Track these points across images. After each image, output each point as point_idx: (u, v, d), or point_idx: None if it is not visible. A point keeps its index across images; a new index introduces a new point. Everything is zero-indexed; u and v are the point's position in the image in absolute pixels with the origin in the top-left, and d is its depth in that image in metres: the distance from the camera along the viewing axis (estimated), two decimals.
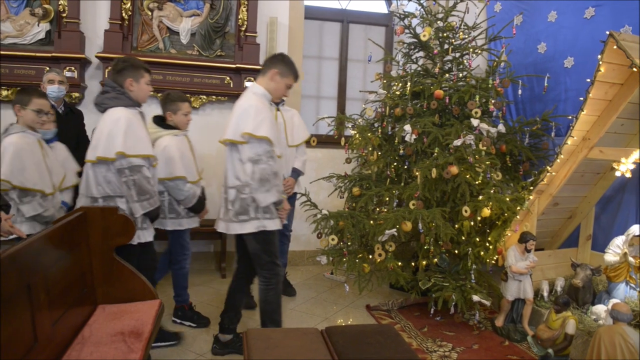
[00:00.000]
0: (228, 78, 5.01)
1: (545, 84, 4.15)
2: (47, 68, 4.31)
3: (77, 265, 2.58)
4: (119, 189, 2.89)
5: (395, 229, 3.72)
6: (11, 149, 2.89)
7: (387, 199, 4.17)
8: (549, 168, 3.78)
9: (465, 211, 3.75)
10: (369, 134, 4.40)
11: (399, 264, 3.97)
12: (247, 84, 4.99)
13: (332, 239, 4.16)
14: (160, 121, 3.61)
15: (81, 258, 2.64)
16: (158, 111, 3.67)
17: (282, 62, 3.14)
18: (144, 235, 3.03)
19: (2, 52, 4.45)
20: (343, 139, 4.71)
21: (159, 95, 4.83)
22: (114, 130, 2.82)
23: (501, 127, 4.11)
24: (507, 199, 3.76)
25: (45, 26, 4.61)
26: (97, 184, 2.89)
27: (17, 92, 3.09)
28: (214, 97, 5.01)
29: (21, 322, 1.84)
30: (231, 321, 3.35)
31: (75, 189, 3.34)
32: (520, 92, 4.30)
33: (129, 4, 4.72)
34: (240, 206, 3.02)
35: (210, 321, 3.78)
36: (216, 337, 3.37)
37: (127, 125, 2.84)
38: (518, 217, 3.82)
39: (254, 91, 3.11)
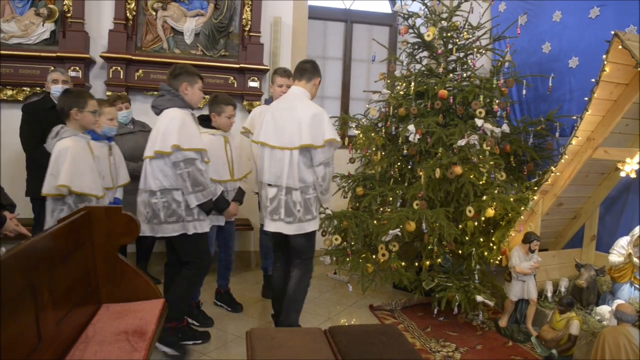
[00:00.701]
0: (232, 78, 5.02)
1: (550, 84, 4.14)
2: (52, 68, 4.32)
3: (81, 265, 2.58)
4: (175, 182, 3.09)
5: (398, 229, 3.71)
6: (69, 154, 2.91)
7: (391, 199, 4.16)
8: (553, 168, 3.77)
9: (469, 211, 3.75)
10: (373, 134, 4.39)
11: (403, 264, 3.96)
12: (251, 84, 5.00)
13: (336, 239, 4.15)
14: (204, 121, 3.72)
15: (85, 257, 2.65)
16: None
17: (319, 71, 3.41)
18: (201, 226, 3.21)
19: (7, 52, 4.47)
20: (347, 138, 4.71)
21: None
22: (169, 127, 3.03)
23: (505, 127, 4.10)
24: (511, 199, 3.75)
25: (50, 26, 4.63)
26: (154, 178, 3.08)
27: (70, 95, 3.11)
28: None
29: (25, 321, 1.85)
30: None
31: None
32: (524, 92, 4.30)
33: (133, 4, 4.74)
34: (304, 206, 3.21)
35: (214, 321, 3.78)
36: None
37: (181, 123, 3.05)
38: (522, 217, 3.81)
39: (308, 96, 3.32)
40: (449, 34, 4.39)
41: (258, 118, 3.67)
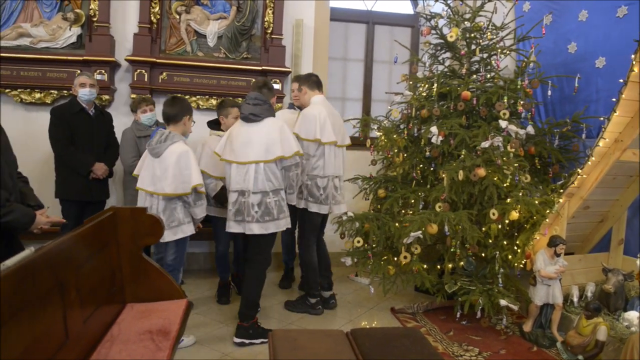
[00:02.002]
0: (254, 80, 5.04)
1: (576, 85, 4.06)
2: (79, 71, 4.41)
3: (107, 264, 2.62)
4: (283, 182, 3.48)
5: (420, 232, 3.69)
6: (191, 156, 3.23)
7: (413, 201, 4.14)
8: (579, 170, 3.70)
9: (493, 214, 3.70)
10: (395, 136, 4.37)
11: (425, 266, 3.93)
12: (275, 86, 5.03)
13: (357, 241, 4.15)
14: (214, 124, 4.17)
15: (110, 257, 2.69)
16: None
17: None
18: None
19: (35, 56, 4.58)
20: (368, 140, 4.70)
21: (187, 97, 4.93)
22: (284, 135, 3.40)
23: (530, 129, 4.05)
24: (536, 202, 3.69)
25: (76, 30, 4.71)
26: (267, 180, 3.38)
27: (182, 103, 3.42)
28: (240, 99, 5.04)
29: (54, 319, 1.88)
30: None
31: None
32: (549, 93, 4.23)
33: (157, 8, 4.80)
34: None
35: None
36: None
37: (290, 131, 3.46)
38: (547, 220, 3.75)
39: None
40: (472, 35, 4.35)
41: (292, 122, 3.93)
